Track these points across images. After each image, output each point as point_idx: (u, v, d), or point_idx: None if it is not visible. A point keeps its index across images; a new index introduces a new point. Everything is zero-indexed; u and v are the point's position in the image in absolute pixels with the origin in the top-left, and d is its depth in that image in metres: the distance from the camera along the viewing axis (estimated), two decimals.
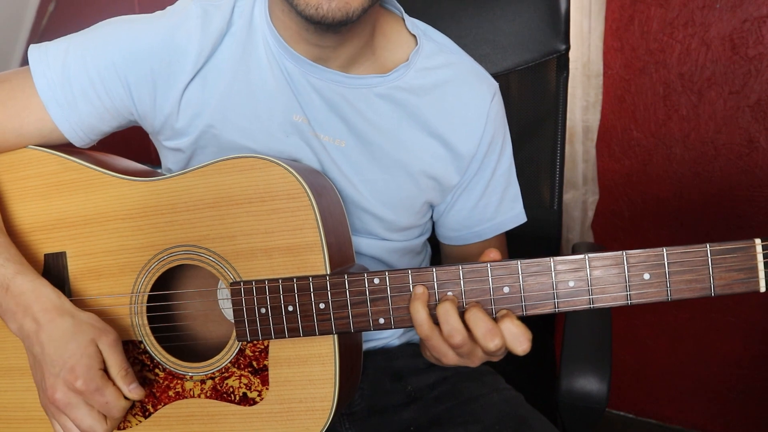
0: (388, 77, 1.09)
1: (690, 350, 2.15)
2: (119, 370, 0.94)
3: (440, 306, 0.87)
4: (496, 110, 1.16)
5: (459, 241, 1.24)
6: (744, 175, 1.89)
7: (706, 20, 1.84)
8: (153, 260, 1.01)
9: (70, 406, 0.92)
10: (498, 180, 1.19)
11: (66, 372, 0.91)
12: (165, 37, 1.04)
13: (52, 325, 0.94)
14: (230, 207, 0.97)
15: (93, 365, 0.92)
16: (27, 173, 1.07)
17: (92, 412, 0.93)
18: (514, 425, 1.08)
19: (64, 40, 1.07)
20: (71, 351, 0.92)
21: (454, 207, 1.20)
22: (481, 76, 1.16)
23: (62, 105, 1.05)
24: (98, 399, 0.92)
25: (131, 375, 0.95)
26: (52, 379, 0.93)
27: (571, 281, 0.84)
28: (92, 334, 0.94)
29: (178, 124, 1.08)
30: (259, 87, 1.07)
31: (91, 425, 0.92)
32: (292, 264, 0.95)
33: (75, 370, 0.91)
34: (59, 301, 0.96)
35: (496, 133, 1.16)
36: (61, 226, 1.06)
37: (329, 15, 0.93)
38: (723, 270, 0.80)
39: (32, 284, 0.96)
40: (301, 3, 0.94)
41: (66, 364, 0.91)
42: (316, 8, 0.93)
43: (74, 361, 0.91)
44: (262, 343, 0.97)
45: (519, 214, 1.24)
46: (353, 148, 1.10)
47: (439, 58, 1.13)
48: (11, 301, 0.96)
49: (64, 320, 0.94)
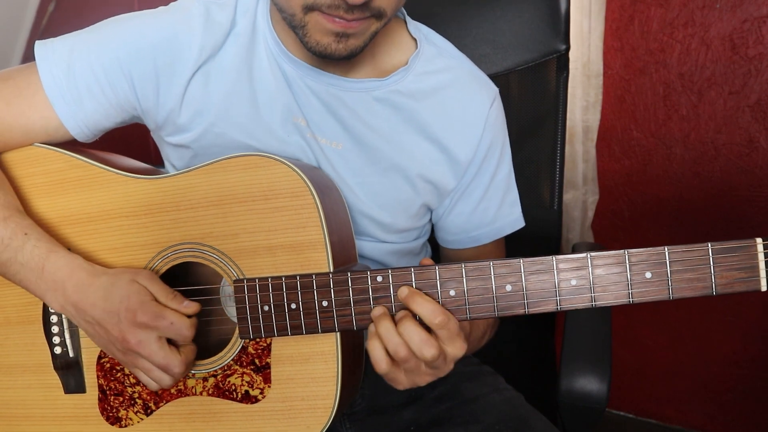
0: (386, 81, 1.09)
1: (690, 350, 2.15)
2: (166, 295, 0.96)
3: (379, 325, 0.89)
4: (495, 115, 1.15)
5: (457, 245, 1.24)
6: (744, 175, 1.90)
7: (706, 20, 1.84)
8: (157, 258, 1.02)
9: (141, 343, 0.94)
10: (497, 185, 1.19)
11: (124, 314, 0.94)
12: (168, 32, 1.05)
13: (92, 288, 0.97)
14: (234, 205, 0.98)
15: (143, 297, 0.95)
16: (33, 171, 1.07)
17: (163, 346, 0.95)
18: (514, 425, 1.08)
19: (69, 37, 1.07)
20: (119, 296, 0.95)
21: (453, 211, 1.20)
22: (481, 81, 1.16)
23: (68, 102, 1.05)
24: (163, 323, 0.94)
25: (179, 295, 0.97)
26: (116, 328, 0.95)
27: (573, 280, 0.84)
28: (129, 276, 0.97)
29: (181, 119, 1.08)
30: (261, 87, 1.07)
31: (165, 357, 0.94)
32: (296, 262, 0.95)
33: (131, 308, 0.93)
34: (91, 268, 0.99)
35: (495, 139, 1.16)
36: (66, 224, 1.06)
37: (335, 54, 0.96)
38: (724, 269, 0.80)
39: (65, 259, 0.99)
40: (310, 41, 0.96)
41: (120, 309, 0.94)
42: (325, 47, 0.96)
43: (126, 302, 0.94)
44: (264, 340, 0.98)
45: (517, 219, 1.24)
46: (350, 151, 1.10)
47: (439, 62, 1.13)
48: (49, 280, 0.98)
49: (101, 279, 0.97)
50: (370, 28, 0.97)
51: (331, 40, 0.95)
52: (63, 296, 0.98)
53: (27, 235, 0.99)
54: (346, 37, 0.95)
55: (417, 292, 0.88)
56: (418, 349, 0.86)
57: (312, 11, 0.93)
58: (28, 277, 0.99)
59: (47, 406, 1.08)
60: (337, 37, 0.95)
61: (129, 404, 1.04)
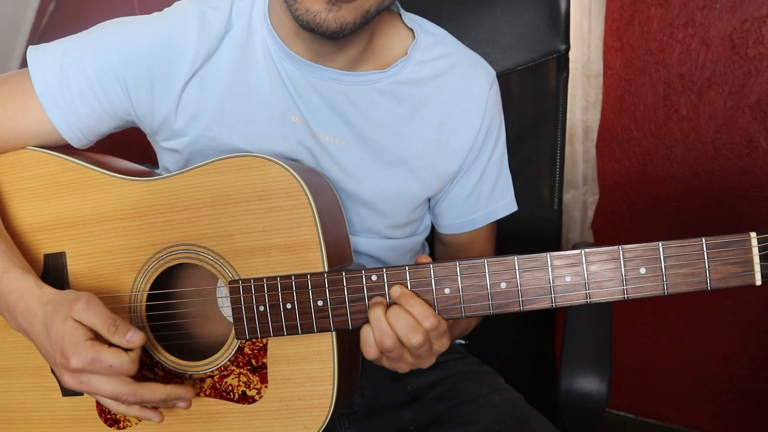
0: (387, 72, 1.10)
1: (690, 350, 2.15)
2: (106, 328, 0.90)
3: (371, 311, 0.89)
4: (494, 98, 1.17)
5: (453, 229, 1.25)
6: (744, 175, 1.89)
7: (706, 20, 1.84)
8: (152, 259, 1.02)
9: (83, 384, 0.90)
10: (491, 168, 1.20)
11: (59, 358, 0.90)
12: (163, 38, 1.05)
13: (35, 320, 0.94)
14: (228, 206, 0.98)
15: (77, 340, 0.89)
16: (26, 174, 1.07)
17: (108, 379, 0.90)
18: (514, 425, 1.08)
19: (62, 42, 1.07)
20: (54, 336, 0.91)
21: (449, 195, 1.21)
22: (479, 64, 1.17)
23: (60, 106, 1.05)
24: (100, 367, 0.89)
25: (122, 325, 0.90)
26: (57, 369, 0.92)
27: (568, 276, 0.84)
28: (65, 311, 0.91)
29: (176, 124, 1.08)
30: (256, 90, 1.07)
31: (113, 389, 0.90)
32: (290, 262, 0.95)
33: (65, 353, 0.89)
34: (40, 293, 0.95)
35: (493, 121, 1.17)
36: (61, 227, 1.06)
37: (324, 24, 0.94)
38: (719, 263, 0.81)
39: (17, 281, 0.96)
40: (300, 8, 0.94)
41: (56, 352, 0.90)
42: (314, 15, 0.94)
43: (60, 345, 0.90)
44: (260, 341, 0.98)
45: (510, 203, 1.25)
46: (353, 147, 1.10)
47: (437, 49, 1.14)
48: (2, 302, 0.97)
49: (44, 310, 0.93)
50: (365, 4, 0.95)
51: (322, 8, 0.93)
52: (14, 321, 0.97)
53: None
54: (338, 6, 0.93)
55: (409, 293, 0.88)
56: (404, 335, 0.88)
57: None
58: None
59: (45, 409, 1.07)
60: (329, 4, 0.93)
61: None
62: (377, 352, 0.90)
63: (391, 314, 0.88)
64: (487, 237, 1.27)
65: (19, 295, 0.95)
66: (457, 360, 1.26)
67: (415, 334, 0.87)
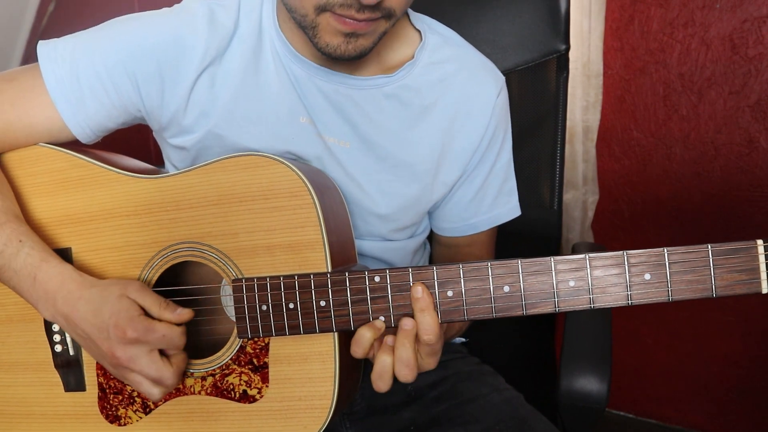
0: (394, 76, 1.09)
1: (690, 350, 2.15)
2: (158, 305, 0.95)
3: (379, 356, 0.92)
4: (502, 105, 1.16)
5: (454, 232, 1.24)
6: (744, 175, 1.90)
7: (706, 20, 1.84)
8: (157, 257, 1.02)
9: (132, 359, 0.94)
10: (497, 173, 1.19)
11: (113, 330, 0.93)
12: (172, 33, 1.05)
13: (82, 302, 0.96)
14: (233, 204, 0.98)
15: (132, 313, 0.93)
16: (35, 170, 1.08)
17: (154, 359, 0.94)
18: (514, 425, 1.08)
19: (72, 37, 1.07)
20: (108, 312, 0.94)
21: (452, 199, 1.20)
22: (489, 70, 1.17)
23: (71, 102, 1.05)
24: (153, 337, 0.93)
25: (172, 304, 0.96)
26: (106, 344, 0.94)
27: (572, 281, 0.84)
28: (118, 290, 0.95)
29: (185, 121, 1.08)
30: (265, 90, 1.07)
31: (157, 370, 0.94)
32: (294, 261, 0.95)
33: (119, 325, 0.92)
34: (81, 279, 0.98)
35: (499, 127, 1.16)
36: (67, 223, 1.06)
37: (345, 55, 0.97)
38: (725, 271, 0.80)
39: (57, 269, 0.98)
40: (320, 43, 0.97)
41: (110, 325, 0.93)
42: (335, 49, 0.97)
43: (115, 318, 0.93)
44: (262, 340, 0.98)
45: (514, 208, 1.24)
46: (358, 150, 1.10)
47: (445, 51, 1.13)
48: (40, 290, 0.98)
49: (90, 292, 0.96)
50: (379, 28, 0.97)
51: (341, 41, 0.96)
52: (53, 307, 0.98)
53: (21, 242, 0.99)
54: (355, 37, 0.96)
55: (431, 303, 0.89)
56: (399, 368, 0.91)
57: (324, 12, 0.93)
58: (21, 285, 0.99)
59: (47, 404, 1.08)
60: (347, 37, 0.95)
61: (128, 403, 1.04)
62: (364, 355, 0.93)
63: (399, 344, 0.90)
64: (487, 241, 1.26)
65: (59, 282, 0.97)
66: (458, 360, 1.26)
67: (411, 371, 0.91)
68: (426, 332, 0.88)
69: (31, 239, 1.00)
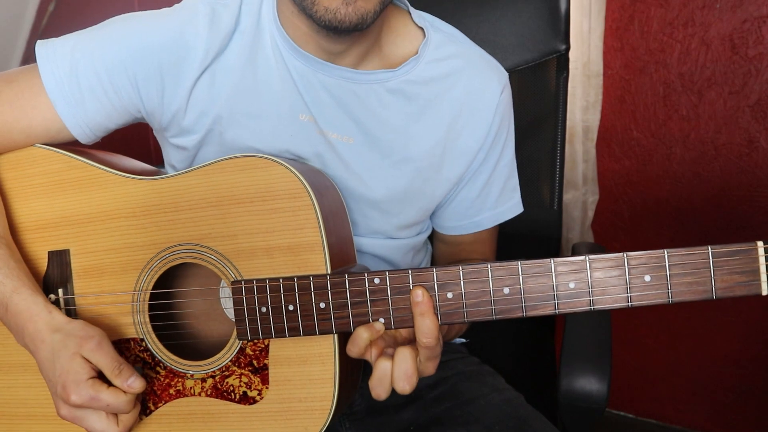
0: (398, 71, 1.09)
1: (690, 350, 2.15)
2: (111, 370, 0.94)
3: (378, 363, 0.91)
4: (506, 101, 1.16)
5: (458, 231, 1.24)
6: (744, 175, 1.90)
7: (706, 20, 1.84)
8: (155, 258, 1.02)
9: (77, 419, 0.95)
10: (501, 169, 1.20)
11: (60, 390, 0.94)
12: (173, 33, 1.05)
13: (43, 346, 0.96)
14: (232, 206, 0.97)
15: (80, 378, 0.93)
16: (32, 171, 1.07)
17: (101, 417, 0.95)
18: (514, 425, 1.08)
19: (71, 37, 1.07)
20: (59, 369, 0.94)
21: (457, 197, 1.20)
22: (493, 66, 1.17)
23: (70, 102, 1.05)
24: (97, 405, 0.93)
25: (126, 369, 0.95)
26: (54, 398, 0.96)
27: (572, 282, 0.84)
28: (74, 347, 0.94)
29: (186, 121, 1.08)
30: (265, 87, 1.07)
31: (103, 429, 0.94)
32: (293, 263, 0.95)
33: (66, 388, 0.93)
34: (49, 317, 0.97)
35: (503, 124, 1.16)
36: (65, 224, 1.06)
37: (345, 20, 0.95)
38: (724, 273, 0.79)
39: (26, 303, 0.98)
40: (320, 9, 0.95)
41: (58, 384, 0.94)
42: (334, 13, 0.94)
43: (63, 379, 0.93)
44: (262, 342, 0.98)
45: (517, 204, 1.25)
46: (362, 145, 1.10)
47: (448, 48, 1.13)
48: (11, 320, 0.99)
49: (52, 338, 0.95)
50: None
51: (339, 4, 0.94)
52: (22, 340, 0.99)
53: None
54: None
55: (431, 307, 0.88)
56: (397, 379, 0.89)
57: None
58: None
59: (48, 406, 1.07)
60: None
61: None
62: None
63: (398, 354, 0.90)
64: (490, 238, 1.27)
65: (28, 317, 0.97)
66: (458, 360, 1.26)
67: (409, 380, 0.90)
68: (425, 335, 0.87)
69: (7, 265, 1.00)
